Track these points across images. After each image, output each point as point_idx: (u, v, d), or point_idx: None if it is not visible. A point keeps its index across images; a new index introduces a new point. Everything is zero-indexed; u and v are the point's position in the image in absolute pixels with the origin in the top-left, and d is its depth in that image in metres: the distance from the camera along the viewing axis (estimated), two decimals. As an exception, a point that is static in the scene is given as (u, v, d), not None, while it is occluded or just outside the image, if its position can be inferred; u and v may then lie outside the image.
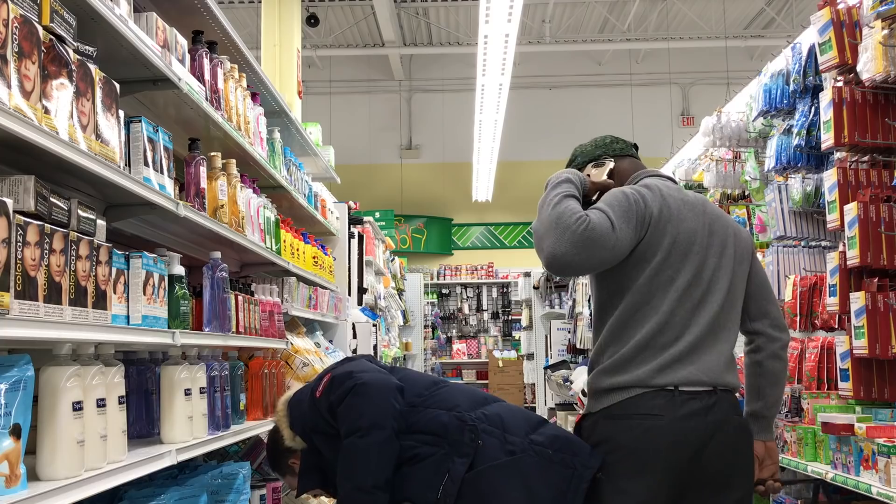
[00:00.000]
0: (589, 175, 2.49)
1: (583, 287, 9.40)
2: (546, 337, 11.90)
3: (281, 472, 2.69)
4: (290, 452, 2.60)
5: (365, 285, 6.48)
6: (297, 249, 4.17)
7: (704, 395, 2.17)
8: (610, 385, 2.23)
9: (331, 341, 5.06)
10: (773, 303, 2.45)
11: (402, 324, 11.10)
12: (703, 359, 2.20)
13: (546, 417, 2.76)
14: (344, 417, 2.38)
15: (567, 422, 9.62)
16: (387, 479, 2.29)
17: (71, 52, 1.84)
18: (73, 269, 1.78)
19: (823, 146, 3.37)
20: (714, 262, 2.28)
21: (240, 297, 3.00)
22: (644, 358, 2.20)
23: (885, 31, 2.97)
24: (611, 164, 2.51)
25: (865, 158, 3.35)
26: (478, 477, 2.26)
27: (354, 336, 5.66)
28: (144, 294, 2.18)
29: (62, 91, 1.78)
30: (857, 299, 3.05)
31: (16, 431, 1.56)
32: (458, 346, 15.09)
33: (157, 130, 2.34)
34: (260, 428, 3.22)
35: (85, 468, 1.84)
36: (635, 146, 2.65)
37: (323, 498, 4.28)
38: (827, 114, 3.29)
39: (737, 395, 2.31)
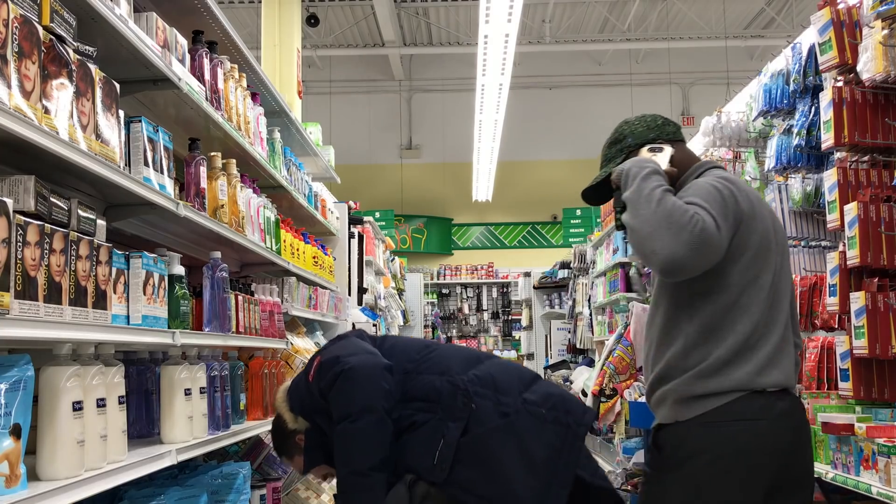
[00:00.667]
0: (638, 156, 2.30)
1: (583, 287, 9.41)
2: (546, 337, 11.91)
3: (288, 454, 2.70)
4: (295, 433, 2.64)
5: (365, 285, 6.48)
6: (297, 249, 4.17)
7: (786, 396, 2.11)
8: (706, 391, 2.07)
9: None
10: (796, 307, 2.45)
11: (402, 324, 11.10)
12: (784, 360, 2.13)
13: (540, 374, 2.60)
14: (335, 403, 2.40)
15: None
16: (383, 460, 2.32)
17: (71, 52, 1.84)
18: (73, 269, 1.78)
19: (823, 146, 3.37)
20: (780, 259, 2.21)
21: (240, 297, 3.00)
22: (741, 360, 2.07)
23: (885, 31, 2.97)
24: (670, 151, 2.29)
25: (865, 158, 3.35)
26: (474, 441, 2.29)
27: (354, 336, 5.64)
28: (144, 294, 2.18)
29: (62, 91, 1.78)
30: (857, 299, 3.05)
31: (16, 431, 1.56)
32: (458, 346, 15.09)
33: (157, 130, 2.34)
34: (260, 428, 3.22)
35: (85, 468, 1.84)
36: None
37: (323, 497, 4.29)
38: (827, 114, 3.29)
39: None
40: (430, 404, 2.38)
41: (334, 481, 2.59)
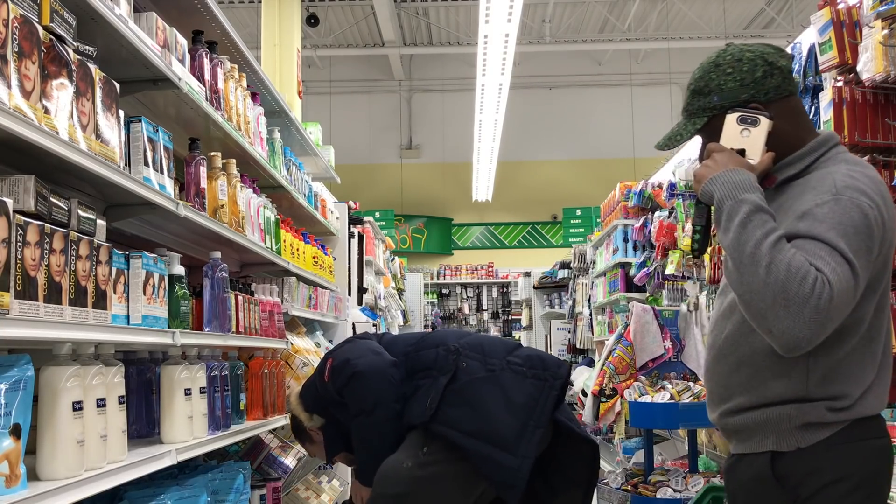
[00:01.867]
0: (723, 131, 1.85)
1: (583, 287, 9.41)
2: (546, 337, 11.91)
3: (309, 446, 3.12)
4: (311, 430, 3.02)
5: (365, 285, 6.48)
6: (297, 249, 4.17)
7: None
8: (837, 418, 1.77)
9: (331, 341, 5.06)
10: None
11: (402, 324, 11.11)
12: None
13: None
14: (350, 400, 2.75)
15: (567, 422, 9.61)
16: (395, 442, 2.68)
17: (71, 52, 1.84)
18: (73, 269, 1.78)
19: (823, 146, 3.37)
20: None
21: (240, 297, 3.00)
22: (880, 381, 1.82)
23: (885, 31, 2.97)
24: (767, 127, 1.81)
25: (865, 158, 3.35)
26: (461, 387, 2.63)
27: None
28: (144, 294, 2.18)
29: (62, 91, 1.78)
30: (858, 299, 3.04)
31: (16, 431, 1.56)
32: (458, 345, 15.09)
33: (157, 130, 2.34)
34: (260, 428, 3.22)
35: (85, 468, 1.84)
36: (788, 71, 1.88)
37: (323, 497, 4.29)
38: (827, 114, 3.29)
39: None
40: (428, 371, 2.72)
41: (335, 482, 2.77)
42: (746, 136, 1.80)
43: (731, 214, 1.70)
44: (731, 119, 1.83)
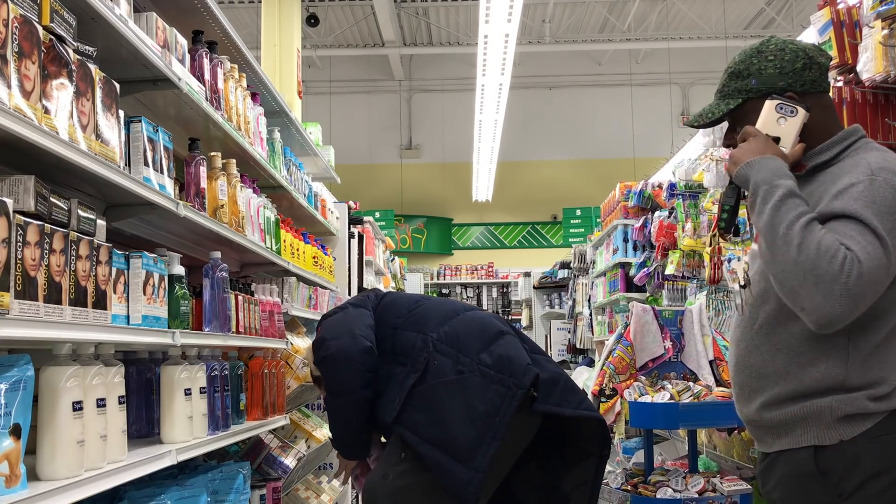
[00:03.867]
0: (760, 116, 1.87)
1: (583, 287, 9.41)
2: (546, 337, 11.91)
3: (319, 387, 3.08)
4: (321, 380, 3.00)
5: (365, 285, 6.48)
6: (297, 249, 4.17)
7: None
8: (878, 409, 1.76)
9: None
10: None
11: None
12: None
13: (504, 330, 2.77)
14: (323, 378, 2.80)
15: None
16: (361, 424, 2.75)
17: (71, 52, 1.84)
18: (73, 269, 1.78)
19: (823, 146, 3.37)
20: None
21: (240, 297, 3.00)
22: None
23: (885, 31, 2.97)
24: (802, 118, 1.85)
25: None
26: (427, 390, 2.60)
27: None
28: (144, 294, 2.18)
29: (62, 91, 1.78)
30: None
31: (16, 431, 1.56)
32: (458, 345, 15.08)
33: (157, 130, 2.34)
34: (260, 428, 3.22)
35: (85, 468, 1.84)
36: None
37: (323, 497, 4.29)
38: (827, 114, 3.29)
39: None
40: (405, 358, 2.70)
41: (335, 482, 2.79)
42: (782, 125, 1.84)
43: (766, 198, 1.76)
44: (769, 105, 1.86)
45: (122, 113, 2.12)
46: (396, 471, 2.56)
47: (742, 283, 1.93)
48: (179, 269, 2.46)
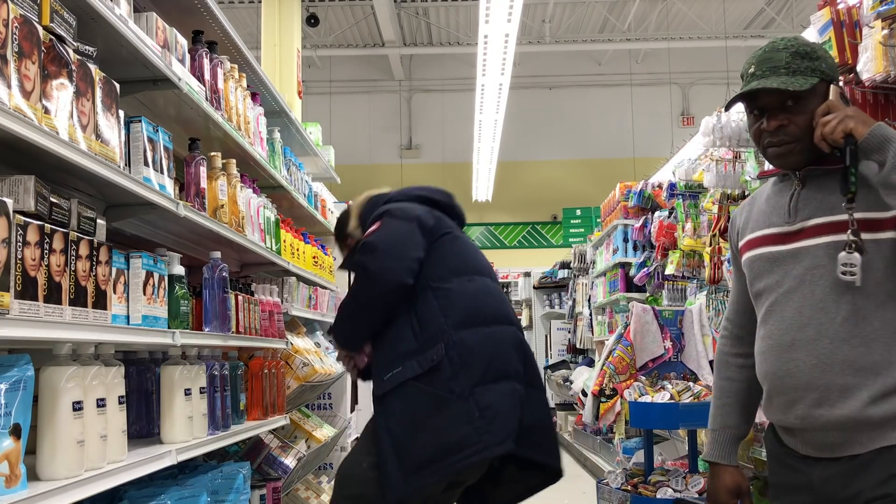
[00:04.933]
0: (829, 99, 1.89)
1: (583, 287, 9.41)
2: (546, 337, 11.91)
3: (339, 244, 3.07)
4: (349, 236, 2.94)
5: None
6: (297, 249, 4.17)
7: None
8: None
9: (331, 341, 5.06)
10: None
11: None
12: None
13: (521, 369, 2.67)
14: (354, 274, 2.70)
15: (567, 421, 9.62)
16: (366, 334, 2.68)
17: (71, 52, 1.84)
18: (73, 268, 1.78)
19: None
20: None
21: (240, 297, 3.00)
22: None
23: (885, 31, 2.97)
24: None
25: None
26: (417, 390, 2.52)
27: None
28: (144, 294, 2.18)
29: (62, 91, 1.78)
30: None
31: (16, 431, 1.56)
32: (458, 345, 15.07)
33: (157, 130, 2.34)
34: (260, 428, 3.22)
35: (85, 468, 1.84)
36: None
37: (323, 497, 4.29)
38: (827, 114, 3.29)
39: None
40: (420, 330, 2.58)
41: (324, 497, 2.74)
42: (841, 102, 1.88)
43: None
44: (835, 91, 1.89)
45: (122, 113, 2.12)
46: (370, 461, 2.55)
47: (851, 248, 1.77)
48: (179, 269, 2.46)
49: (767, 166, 4.19)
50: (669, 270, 5.93)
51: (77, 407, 1.81)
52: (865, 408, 1.76)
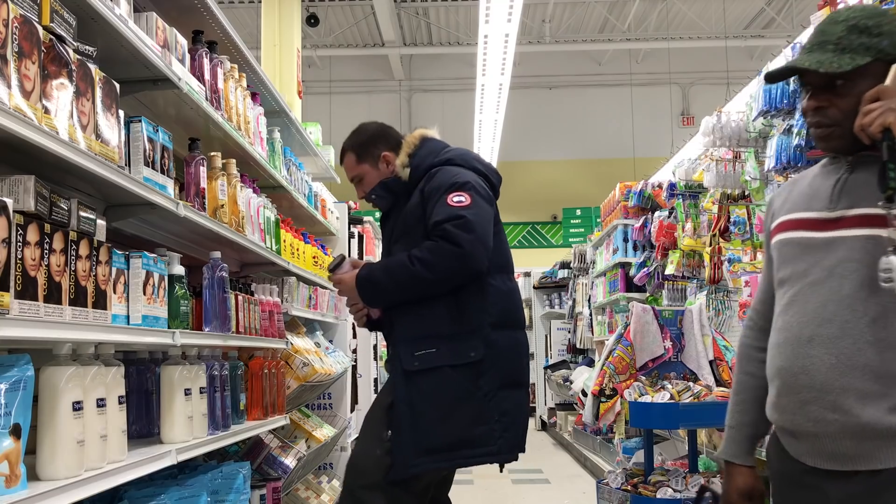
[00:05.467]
0: (887, 80, 1.68)
1: (583, 287, 9.41)
2: (546, 337, 11.91)
3: (356, 154, 2.86)
4: (385, 160, 2.84)
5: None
6: (297, 249, 4.17)
7: None
8: None
9: (331, 341, 5.06)
10: None
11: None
12: None
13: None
14: (429, 245, 2.54)
15: (567, 421, 9.62)
16: (407, 301, 2.61)
17: (71, 52, 1.84)
18: (73, 268, 1.78)
19: (823, 146, 3.36)
20: None
21: (240, 297, 3.00)
22: None
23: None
24: None
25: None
26: (445, 375, 2.54)
27: (354, 336, 5.66)
28: (144, 294, 2.18)
29: (62, 91, 1.78)
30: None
31: (16, 431, 1.56)
32: (458, 345, 15.07)
33: (157, 130, 2.34)
34: (260, 428, 3.22)
35: (85, 468, 1.84)
36: None
37: (323, 497, 4.29)
38: (827, 114, 3.28)
39: None
40: (459, 316, 2.57)
41: (335, 482, 2.73)
42: None
43: None
44: (895, 71, 1.67)
45: (122, 113, 2.12)
46: (384, 449, 2.56)
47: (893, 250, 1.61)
48: (179, 269, 2.46)
49: (767, 167, 4.19)
50: (669, 270, 5.93)
51: (77, 407, 1.81)
52: (885, 417, 1.61)
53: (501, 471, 2.74)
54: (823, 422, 1.66)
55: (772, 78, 1.86)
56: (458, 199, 2.57)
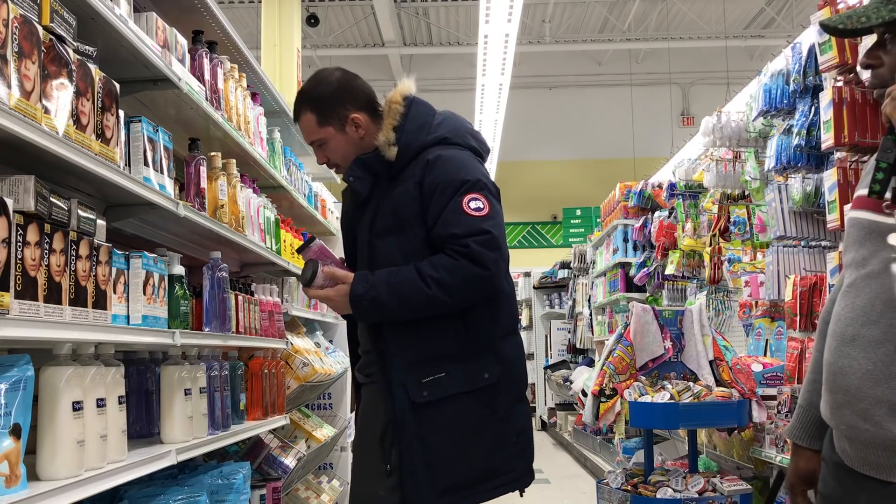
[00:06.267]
0: None
1: (583, 287, 9.41)
2: (546, 337, 11.91)
3: (326, 115, 2.40)
4: (352, 123, 2.40)
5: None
6: (297, 249, 4.17)
7: None
8: None
9: (331, 341, 5.06)
10: None
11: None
12: None
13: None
14: (447, 264, 2.20)
15: (567, 421, 9.62)
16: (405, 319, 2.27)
17: (71, 52, 1.84)
18: (73, 268, 1.78)
19: (823, 146, 3.37)
20: None
21: (240, 297, 3.00)
22: None
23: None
24: None
25: (865, 158, 3.35)
26: (461, 404, 2.24)
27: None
28: (144, 294, 2.18)
29: (62, 91, 1.78)
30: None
31: (16, 431, 1.56)
32: (458, 346, 15.07)
33: (157, 130, 2.34)
34: (260, 428, 3.22)
35: (85, 468, 1.84)
36: None
37: (323, 497, 4.29)
38: (827, 114, 3.29)
39: None
40: (465, 333, 2.26)
41: (335, 482, 2.61)
42: None
43: None
44: None
45: (122, 113, 2.12)
46: (386, 486, 2.26)
47: None
48: (179, 269, 2.46)
49: (767, 167, 4.19)
50: (669, 270, 5.93)
51: (77, 407, 1.81)
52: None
53: (522, 496, 2.44)
54: (856, 429, 1.57)
55: (833, 32, 1.65)
56: (476, 204, 2.27)
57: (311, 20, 12.83)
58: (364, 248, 2.40)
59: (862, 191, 1.64)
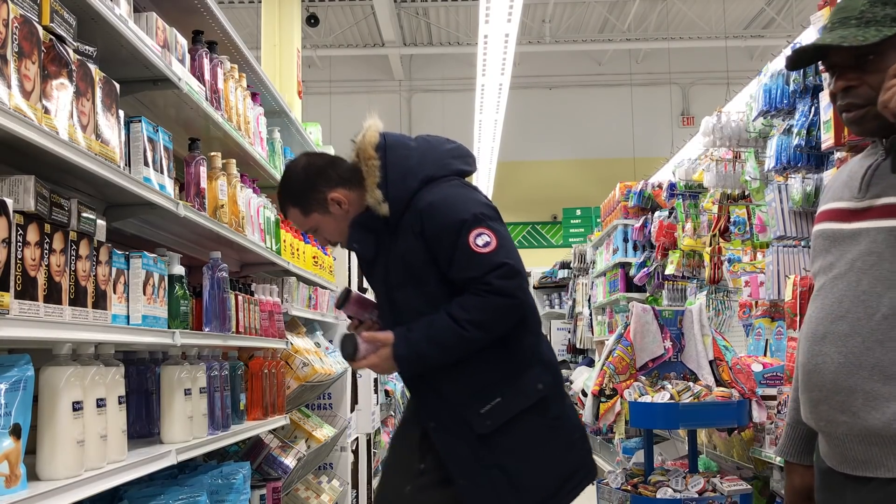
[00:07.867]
0: None
1: (583, 287, 9.41)
2: (546, 337, 11.91)
3: (308, 206, 2.44)
4: (333, 202, 2.42)
5: (365, 285, 6.47)
6: (297, 249, 4.16)
7: None
8: None
9: (331, 341, 5.06)
10: None
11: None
12: None
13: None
14: (476, 303, 2.23)
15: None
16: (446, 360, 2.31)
17: (71, 52, 1.84)
18: (73, 268, 1.78)
19: (823, 146, 3.37)
20: None
21: (240, 297, 3.00)
22: None
23: (885, 31, 2.96)
24: None
25: (865, 158, 3.35)
26: (522, 422, 2.29)
27: (354, 336, 5.64)
28: (144, 294, 2.18)
29: (62, 91, 1.78)
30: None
31: (16, 431, 1.56)
32: (458, 346, 15.06)
33: (157, 130, 2.34)
34: (260, 428, 3.22)
35: (85, 468, 1.84)
36: None
37: (323, 497, 4.28)
38: (827, 114, 3.29)
39: None
40: (504, 349, 2.31)
41: (335, 482, 2.64)
42: None
43: None
44: None
45: (122, 113, 2.12)
46: (417, 484, 2.34)
47: None
48: (179, 269, 2.46)
49: (767, 167, 4.19)
50: (669, 270, 5.93)
51: (77, 407, 1.81)
52: (893, 423, 1.52)
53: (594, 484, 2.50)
54: (833, 423, 1.61)
55: (794, 63, 1.74)
56: (483, 240, 2.25)
57: (311, 20, 12.83)
58: (384, 301, 2.45)
59: (826, 205, 1.73)
